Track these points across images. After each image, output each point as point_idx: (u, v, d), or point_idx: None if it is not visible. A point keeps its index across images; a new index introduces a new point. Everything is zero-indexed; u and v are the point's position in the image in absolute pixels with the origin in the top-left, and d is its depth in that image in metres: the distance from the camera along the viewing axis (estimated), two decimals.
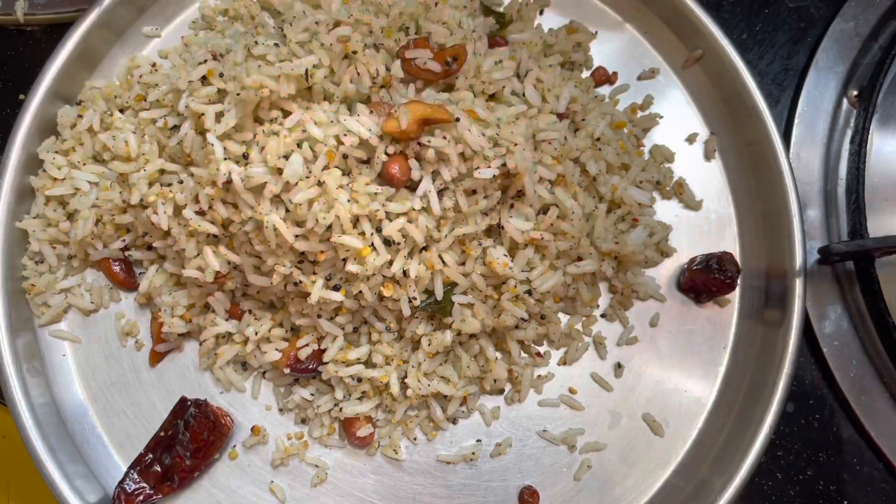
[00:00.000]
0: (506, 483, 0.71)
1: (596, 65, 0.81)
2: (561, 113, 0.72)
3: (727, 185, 0.79)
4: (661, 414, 0.73)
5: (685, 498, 0.70)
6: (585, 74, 0.81)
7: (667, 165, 0.79)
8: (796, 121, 0.82)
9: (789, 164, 0.74)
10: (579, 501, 0.71)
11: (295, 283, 0.65)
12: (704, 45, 0.78)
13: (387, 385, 0.69)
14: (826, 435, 0.77)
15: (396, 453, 0.71)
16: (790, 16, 0.87)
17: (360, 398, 0.70)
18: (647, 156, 0.79)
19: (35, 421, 0.68)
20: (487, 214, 0.67)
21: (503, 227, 0.67)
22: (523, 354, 0.73)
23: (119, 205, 0.70)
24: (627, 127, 0.79)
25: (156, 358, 0.73)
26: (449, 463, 0.71)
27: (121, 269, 0.74)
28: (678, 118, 0.81)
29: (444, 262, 0.66)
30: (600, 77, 0.81)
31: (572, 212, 0.69)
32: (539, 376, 0.73)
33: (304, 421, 0.72)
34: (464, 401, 0.72)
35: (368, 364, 0.69)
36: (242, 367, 0.73)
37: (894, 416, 0.76)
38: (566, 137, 0.70)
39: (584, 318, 0.74)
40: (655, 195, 0.78)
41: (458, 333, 0.69)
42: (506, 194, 0.67)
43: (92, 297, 0.74)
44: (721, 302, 0.76)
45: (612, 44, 0.82)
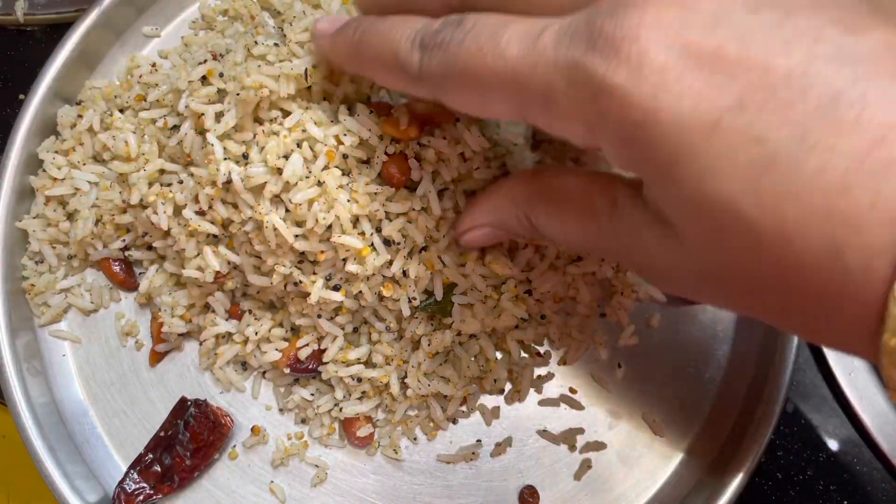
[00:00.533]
0: (506, 483, 0.71)
1: None
2: None
3: None
4: (661, 414, 0.73)
5: (685, 497, 0.70)
6: None
7: None
8: None
9: None
10: (579, 501, 0.71)
11: (295, 283, 0.65)
12: None
13: (387, 385, 0.69)
14: (826, 435, 0.77)
15: (396, 453, 0.71)
16: None
17: (360, 398, 0.70)
18: None
19: (35, 421, 0.68)
20: None
21: None
22: (523, 354, 0.73)
23: (119, 205, 0.70)
24: None
25: (156, 358, 0.73)
26: (449, 463, 0.71)
27: (121, 269, 0.74)
28: None
29: (443, 263, 0.66)
30: None
31: None
32: (539, 376, 0.73)
33: (304, 421, 0.72)
34: (464, 401, 0.72)
35: (368, 364, 0.70)
36: (242, 367, 0.73)
37: (894, 416, 0.76)
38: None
39: (583, 318, 0.74)
40: None
41: (458, 334, 0.69)
42: None
43: (92, 297, 0.74)
44: None
45: None
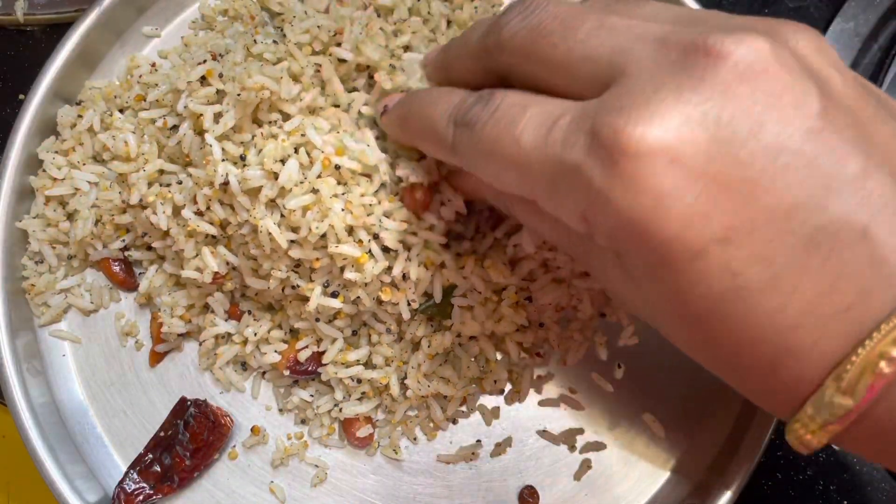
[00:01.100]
0: (506, 483, 0.71)
1: None
2: None
3: None
4: (660, 414, 0.73)
5: (685, 497, 0.70)
6: None
7: None
8: None
9: None
10: (579, 501, 0.71)
11: (293, 287, 0.65)
12: None
13: (387, 386, 0.69)
14: None
15: (396, 453, 0.71)
16: (790, 16, 0.87)
17: (359, 399, 0.70)
18: None
19: (35, 421, 0.68)
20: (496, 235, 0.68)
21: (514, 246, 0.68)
22: (523, 354, 0.73)
23: (118, 205, 0.70)
24: None
25: (156, 358, 0.73)
26: (449, 463, 0.71)
27: (121, 269, 0.74)
28: None
29: (443, 264, 0.66)
30: None
31: None
32: (539, 376, 0.73)
33: (303, 421, 0.72)
34: (464, 401, 0.72)
35: (368, 365, 0.69)
36: (242, 367, 0.73)
37: None
38: None
39: (584, 322, 0.74)
40: None
41: (458, 335, 0.69)
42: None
43: (92, 297, 0.74)
44: None
45: None
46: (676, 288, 0.36)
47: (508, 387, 0.73)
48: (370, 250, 0.63)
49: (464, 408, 0.72)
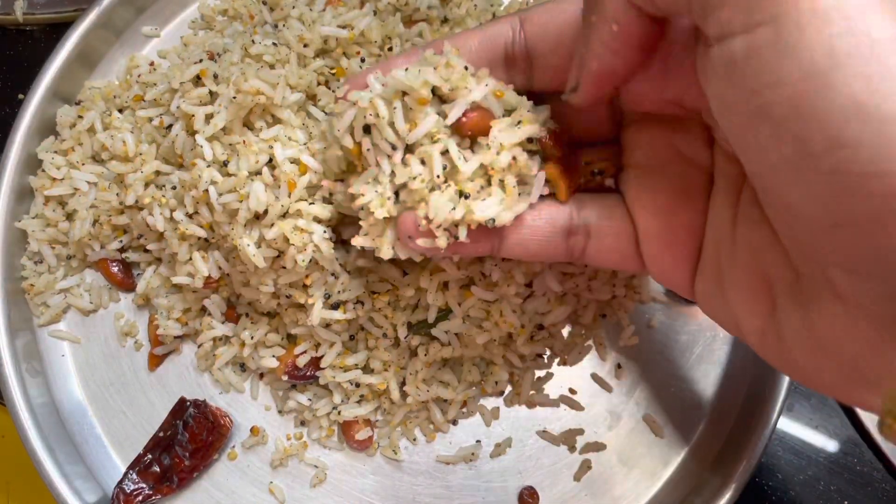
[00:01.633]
0: (506, 483, 0.71)
1: None
2: None
3: None
4: (661, 414, 0.73)
5: (685, 498, 0.70)
6: None
7: None
8: None
9: None
10: (579, 501, 0.71)
11: (287, 296, 0.64)
12: None
13: (385, 390, 0.68)
14: (826, 435, 0.77)
15: (396, 454, 0.71)
16: None
17: (358, 401, 0.70)
18: None
19: (34, 421, 0.68)
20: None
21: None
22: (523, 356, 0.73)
23: (116, 206, 0.70)
24: None
25: (155, 362, 0.73)
26: (448, 463, 0.71)
27: (119, 270, 0.73)
28: None
29: (447, 285, 0.65)
30: None
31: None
32: (539, 377, 0.73)
33: (303, 423, 0.72)
34: (464, 404, 0.71)
35: (366, 370, 0.69)
36: (241, 367, 0.73)
37: None
38: None
39: (585, 326, 0.74)
40: None
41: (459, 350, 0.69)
42: None
43: (91, 298, 0.74)
44: None
45: None
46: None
47: (508, 387, 0.73)
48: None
49: (464, 409, 0.72)
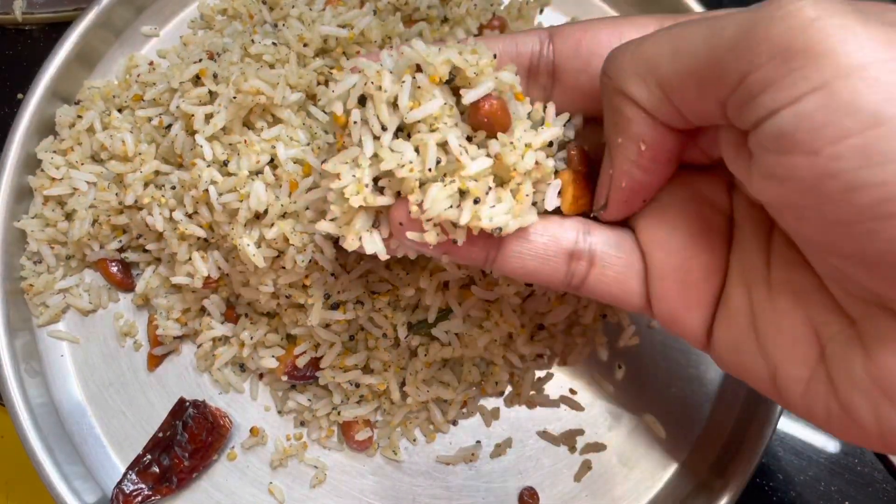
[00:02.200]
0: (506, 484, 0.71)
1: None
2: None
3: None
4: (661, 415, 0.73)
5: (686, 499, 0.70)
6: None
7: None
8: None
9: None
10: (579, 502, 0.71)
11: (287, 296, 0.64)
12: None
13: (385, 391, 0.68)
14: (827, 435, 0.77)
15: (396, 454, 0.70)
16: None
17: (358, 402, 0.69)
18: None
19: (33, 421, 0.68)
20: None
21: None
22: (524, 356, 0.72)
23: (115, 206, 0.69)
24: None
25: (154, 362, 0.73)
26: (448, 464, 0.71)
27: (118, 270, 0.73)
28: None
29: (447, 285, 0.65)
30: None
31: None
32: (539, 377, 0.73)
33: (302, 423, 0.72)
34: (464, 404, 0.71)
35: (366, 370, 0.69)
36: (240, 368, 0.73)
37: None
38: None
39: (585, 326, 0.74)
40: None
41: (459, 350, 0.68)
42: None
43: (90, 298, 0.74)
44: None
45: None
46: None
47: (509, 388, 0.73)
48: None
49: (464, 409, 0.72)
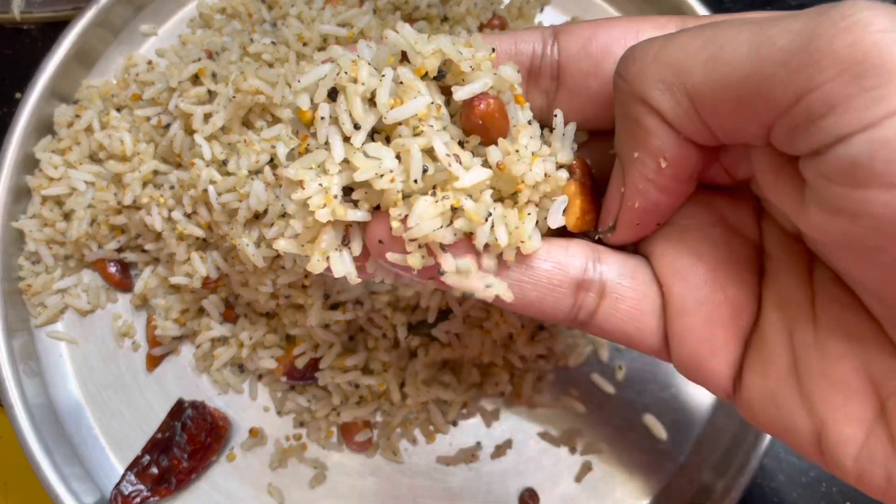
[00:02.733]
0: (506, 485, 0.71)
1: None
2: None
3: None
4: (662, 416, 0.72)
5: (687, 500, 0.69)
6: None
7: None
8: None
9: None
10: None
11: (286, 297, 0.64)
12: None
13: (385, 392, 0.68)
14: None
15: (396, 455, 0.70)
16: None
17: (357, 403, 0.69)
18: None
19: (32, 422, 0.68)
20: None
21: None
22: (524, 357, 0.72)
23: (114, 205, 0.69)
24: None
25: (153, 362, 0.72)
26: (448, 465, 0.71)
27: (116, 270, 0.73)
28: None
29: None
30: None
31: None
32: (539, 378, 0.73)
33: (302, 424, 0.71)
34: (464, 405, 0.71)
35: (366, 371, 0.69)
36: (239, 368, 0.72)
37: None
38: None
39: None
40: None
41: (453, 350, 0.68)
42: None
43: (89, 298, 0.74)
44: None
45: None
46: None
47: (509, 389, 0.73)
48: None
49: (464, 410, 0.72)
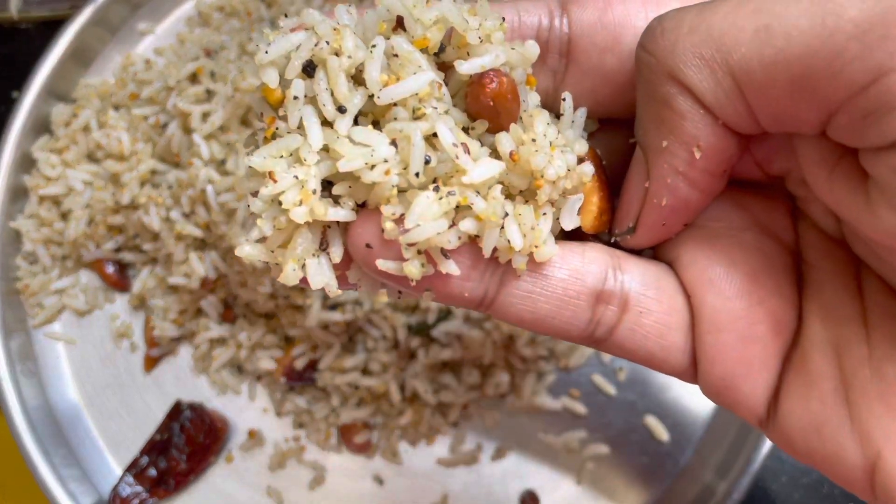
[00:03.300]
0: (506, 487, 0.70)
1: None
2: None
3: None
4: (664, 417, 0.72)
5: (689, 502, 0.69)
6: None
7: None
8: None
9: None
10: None
11: (285, 297, 0.64)
12: None
13: (385, 393, 0.68)
14: None
15: (395, 457, 0.70)
16: None
17: (357, 404, 0.69)
18: None
19: (29, 423, 0.68)
20: None
21: None
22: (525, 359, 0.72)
23: (111, 205, 0.69)
24: None
25: (150, 363, 0.72)
26: (449, 467, 0.70)
27: (114, 271, 0.73)
28: None
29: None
30: None
31: None
32: (540, 380, 0.72)
33: (301, 425, 0.71)
34: (464, 406, 0.71)
35: (365, 372, 0.68)
36: (238, 370, 0.72)
37: None
38: None
39: None
40: None
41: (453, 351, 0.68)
42: None
43: (86, 298, 0.73)
44: None
45: None
46: None
47: (509, 390, 0.72)
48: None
49: (464, 412, 0.71)
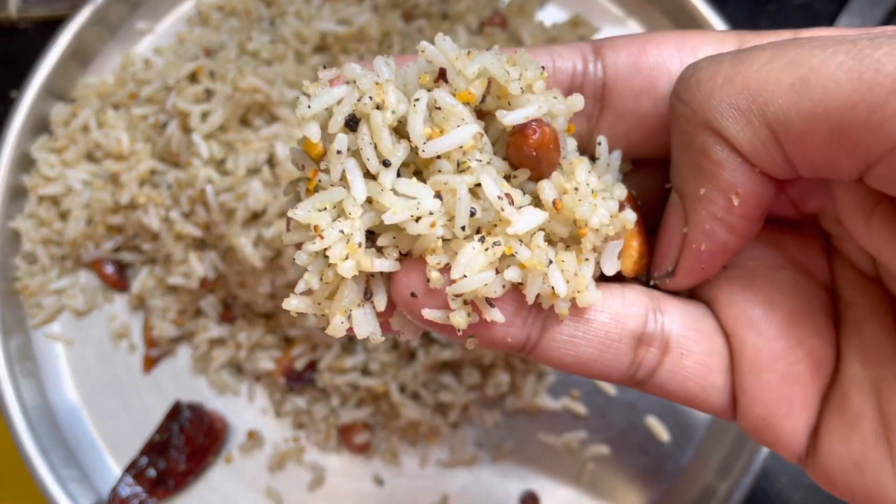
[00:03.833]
0: (506, 488, 0.70)
1: None
2: None
3: None
4: (664, 418, 0.72)
5: (690, 501, 0.69)
6: None
7: None
8: None
9: None
10: None
11: (284, 297, 0.64)
12: None
13: (384, 393, 0.67)
14: None
15: (395, 458, 0.70)
16: (795, 12, 0.86)
17: (357, 404, 0.69)
18: None
19: (28, 424, 0.67)
20: None
21: None
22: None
23: (110, 205, 0.68)
24: None
25: (150, 363, 0.72)
26: (448, 467, 0.70)
27: (114, 271, 0.72)
28: None
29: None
30: None
31: None
32: (540, 381, 0.72)
33: (300, 426, 0.71)
34: (464, 406, 0.70)
35: (365, 372, 0.68)
36: (237, 370, 0.72)
37: None
38: None
39: None
40: None
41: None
42: None
43: (85, 299, 0.73)
44: None
45: None
46: None
47: (509, 390, 0.72)
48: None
49: (464, 413, 0.71)
